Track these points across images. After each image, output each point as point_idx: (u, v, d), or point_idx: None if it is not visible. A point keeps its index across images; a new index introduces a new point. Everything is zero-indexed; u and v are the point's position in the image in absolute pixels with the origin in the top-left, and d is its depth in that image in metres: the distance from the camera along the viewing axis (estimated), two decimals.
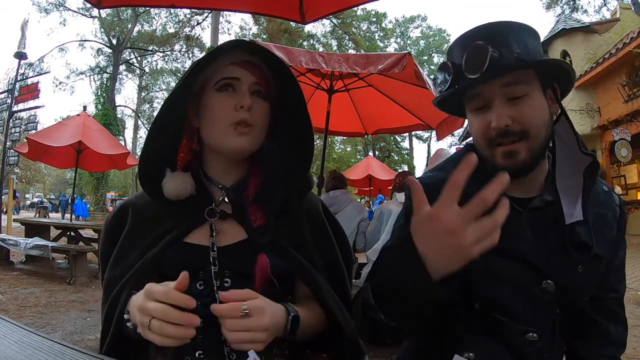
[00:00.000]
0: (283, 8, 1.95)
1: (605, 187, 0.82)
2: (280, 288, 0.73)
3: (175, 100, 0.75)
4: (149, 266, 0.72)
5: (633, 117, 8.66)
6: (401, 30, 34.52)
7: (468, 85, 0.72)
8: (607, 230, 0.77)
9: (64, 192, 28.98)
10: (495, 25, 0.73)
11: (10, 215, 8.96)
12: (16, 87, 8.61)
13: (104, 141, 7.03)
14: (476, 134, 0.75)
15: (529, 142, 0.70)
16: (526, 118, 0.69)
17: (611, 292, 0.81)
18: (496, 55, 0.68)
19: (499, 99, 0.70)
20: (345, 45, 26.34)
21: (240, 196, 0.78)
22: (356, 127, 4.47)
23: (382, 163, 13.75)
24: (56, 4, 23.03)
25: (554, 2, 21.39)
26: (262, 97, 0.77)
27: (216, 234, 0.74)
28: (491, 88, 0.70)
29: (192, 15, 23.42)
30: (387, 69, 2.60)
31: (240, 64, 0.75)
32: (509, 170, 0.68)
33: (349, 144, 31.56)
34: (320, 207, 0.88)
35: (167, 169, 0.77)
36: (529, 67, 0.70)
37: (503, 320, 0.72)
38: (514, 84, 0.69)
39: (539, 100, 0.71)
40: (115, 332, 0.69)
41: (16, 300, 3.93)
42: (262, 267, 0.70)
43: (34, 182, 35.58)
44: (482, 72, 0.68)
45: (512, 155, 0.70)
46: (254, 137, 0.75)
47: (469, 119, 0.77)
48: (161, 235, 0.75)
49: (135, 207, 0.81)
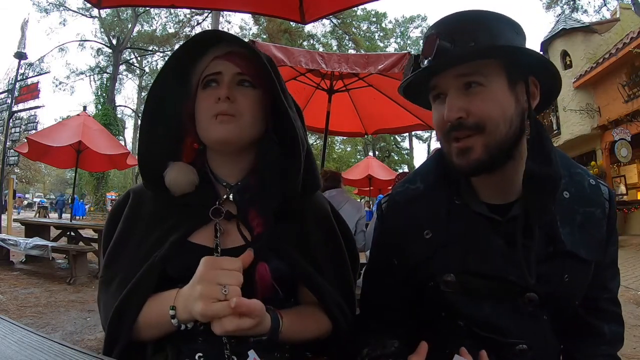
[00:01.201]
0: (283, 8, 1.95)
1: (592, 181, 0.75)
2: (283, 292, 0.72)
3: (170, 98, 0.75)
4: (158, 267, 0.70)
5: (633, 117, 8.65)
6: (401, 30, 34.50)
7: (421, 75, 0.69)
8: (596, 230, 0.72)
9: (63, 192, 29.00)
10: (463, 14, 0.70)
11: (11, 215, 8.96)
12: (16, 87, 8.62)
13: (104, 141, 7.03)
14: (435, 127, 0.73)
15: (485, 137, 0.65)
16: (481, 110, 0.64)
17: (603, 291, 0.77)
18: (447, 45, 0.66)
19: (453, 90, 0.67)
20: (345, 45, 26.34)
21: (243, 197, 0.76)
22: (356, 127, 4.47)
23: (382, 163, 13.75)
24: (56, 4, 23.04)
25: (554, 2, 21.38)
26: (249, 85, 0.74)
27: (220, 234, 0.73)
28: (445, 79, 0.67)
29: (192, 15, 23.43)
30: (387, 69, 2.60)
31: (223, 57, 0.74)
32: (463, 169, 0.67)
33: (349, 144, 31.55)
34: (329, 209, 0.87)
35: (170, 162, 0.76)
36: (478, 56, 0.65)
37: (490, 337, 0.70)
38: (469, 75, 0.65)
39: (499, 92, 0.65)
40: (126, 337, 0.67)
41: (16, 300, 3.93)
42: (263, 277, 0.69)
43: (34, 182, 35.57)
44: (430, 61, 0.66)
45: (465, 153, 0.66)
46: (238, 126, 0.72)
47: (432, 112, 0.74)
48: (163, 235, 0.73)
49: (136, 199, 0.79)
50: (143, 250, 0.72)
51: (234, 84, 0.74)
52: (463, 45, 0.66)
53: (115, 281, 0.72)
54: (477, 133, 0.65)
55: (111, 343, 0.68)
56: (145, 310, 0.68)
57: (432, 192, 0.78)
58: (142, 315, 0.68)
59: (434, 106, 0.73)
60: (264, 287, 0.68)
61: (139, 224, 0.76)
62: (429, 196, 0.78)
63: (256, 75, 0.75)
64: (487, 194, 0.74)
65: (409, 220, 0.77)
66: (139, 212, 0.77)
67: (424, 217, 0.76)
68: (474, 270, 0.69)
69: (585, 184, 0.75)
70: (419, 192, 0.80)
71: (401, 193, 0.82)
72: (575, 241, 0.69)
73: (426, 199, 0.77)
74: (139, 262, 0.71)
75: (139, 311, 0.67)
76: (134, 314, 0.67)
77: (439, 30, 0.68)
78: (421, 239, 0.74)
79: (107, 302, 0.71)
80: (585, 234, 0.70)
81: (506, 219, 0.71)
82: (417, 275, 0.75)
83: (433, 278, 0.73)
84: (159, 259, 0.70)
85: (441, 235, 0.73)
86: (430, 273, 0.73)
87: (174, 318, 0.64)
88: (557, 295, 0.69)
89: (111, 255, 0.76)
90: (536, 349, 0.70)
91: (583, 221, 0.71)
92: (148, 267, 0.70)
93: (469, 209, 0.73)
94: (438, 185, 0.78)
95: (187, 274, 0.65)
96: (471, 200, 0.74)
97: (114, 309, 0.68)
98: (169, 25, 26.09)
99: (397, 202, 0.82)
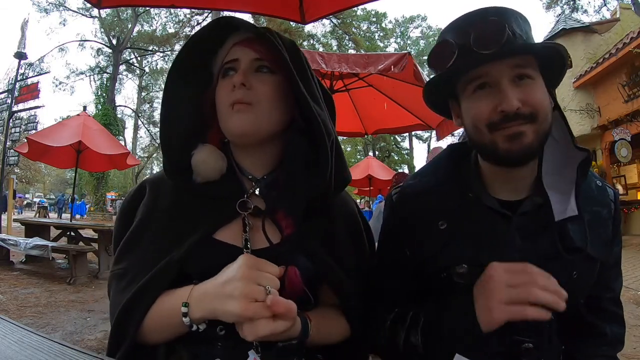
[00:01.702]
0: (283, 8, 1.94)
1: (599, 182, 0.78)
2: (312, 295, 0.69)
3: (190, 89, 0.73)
4: (175, 267, 0.65)
5: (633, 117, 8.65)
6: (401, 30, 34.51)
7: (477, 63, 0.66)
8: (602, 229, 0.74)
9: (64, 192, 29.03)
10: (500, 8, 0.69)
11: (11, 215, 8.96)
12: (16, 87, 8.62)
13: (104, 141, 7.03)
14: (476, 118, 0.69)
15: (537, 126, 0.65)
16: (536, 100, 0.65)
17: (606, 291, 0.79)
18: (511, 33, 0.65)
19: (506, 81, 0.65)
20: (345, 45, 26.33)
21: (272, 191, 0.72)
22: (356, 127, 4.48)
23: (382, 163, 13.75)
24: (56, 3, 23.04)
25: (554, 2, 21.38)
26: (267, 71, 0.70)
27: (249, 229, 0.68)
28: (500, 68, 0.65)
29: (192, 15, 23.41)
30: (387, 69, 2.61)
31: (241, 43, 0.71)
32: (512, 155, 0.66)
33: (349, 144, 31.53)
34: (355, 207, 0.85)
35: (198, 143, 0.71)
36: (539, 50, 0.67)
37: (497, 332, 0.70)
38: (523, 67, 0.66)
39: (542, 86, 0.68)
40: (133, 337, 0.63)
41: (16, 300, 3.93)
42: (293, 282, 0.64)
43: (34, 182, 35.54)
44: (499, 49, 0.64)
45: (517, 137, 0.65)
46: (257, 115, 0.68)
47: (466, 105, 0.71)
48: (185, 230, 0.67)
49: (154, 191, 0.74)
50: (160, 246, 0.67)
51: (251, 71, 0.70)
52: (519, 36, 0.66)
53: (128, 276, 0.67)
54: (530, 122, 0.65)
55: (116, 343, 0.64)
56: (154, 309, 0.63)
57: (443, 185, 0.78)
58: (150, 313, 0.63)
59: (473, 97, 0.69)
60: (294, 293, 0.64)
61: (156, 216, 0.71)
62: (441, 189, 0.78)
63: (276, 61, 0.70)
64: (498, 190, 0.75)
65: (421, 212, 0.77)
66: (156, 204, 0.72)
67: (437, 209, 0.76)
68: (486, 262, 0.69)
69: (593, 185, 0.77)
70: (431, 185, 0.80)
71: (413, 185, 0.83)
72: (584, 239, 0.70)
73: (438, 192, 0.78)
74: (154, 258, 0.66)
75: (147, 310, 0.63)
76: (142, 314, 0.63)
77: (500, 19, 0.66)
78: (436, 229, 0.74)
79: (115, 298, 0.67)
80: (593, 233, 0.71)
81: (517, 214, 0.71)
82: (429, 266, 0.75)
83: (446, 269, 0.73)
84: (177, 259, 0.65)
85: (456, 226, 0.73)
86: (443, 265, 0.74)
87: (186, 316, 0.59)
88: (566, 291, 0.69)
89: (124, 248, 0.70)
90: (541, 347, 0.70)
91: (591, 220, 0.72)
92: (164, 265, 0.65)
93: (481, 203, 0.74)
94: (450, 180, 0.78)
95: (208, 272, 0.61)
96: (482, 195, 0.75)
97: (121, 306, 0.64)
98: (169, 25, 26.13)
99: (408, 193, 0.82)
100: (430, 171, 0.83)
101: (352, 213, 0.82)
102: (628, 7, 11.91)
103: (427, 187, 0.80)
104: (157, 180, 0.76)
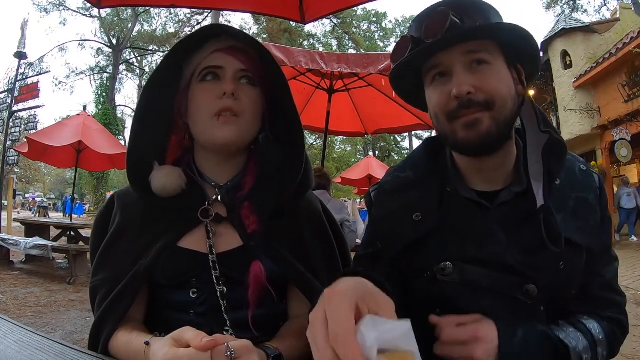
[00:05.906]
0: (283, 8, 1.94)
1: (583, 166, 0.75)
2: (277, 295, 0.70)
3: (161, 94, 0.72)
4: (143, 275, 0.67)
5: (633, 117, 8.66)
6: (401, 30, 34.47)
7: (427, 52, 0.67)
8: (590, 216, 0.70)
9: (64, 192, 29.14)
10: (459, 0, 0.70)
11: (11, 215, 8.96)
12: (16, 87, 8.61)
13: (104, 141, 7.03)
14: (436, 109, 0.69)
15: (494, 112, 0.64)
16: (490, 86, 0.64)
17: (596, 277, 0.74)
18: (457, 21, 0.65)
19: (460, 67, 0.65)
20: (345, 45, 26.32)
21: (235, 197, 0.73)
22: (356, 127, 4.47)
23: (382, 163, 13.71)
24: (56, 3, 23.01)
25: (554, 2, 21.37)
26: (250, 83, 0.72)
27: (213, 235, 0.70)
28: (451, 55, 0.66)
29: (192, 15, 23.41)
30: (387, 69, 2.61)
31: (225, 50, 0.71)
32: (471, 144, 0.66)
33: (349, 144, 31.53)
34: (320, 208, 0.85)
35: (155, 162, 0.72)
36: (489, 33, 0.66)
37: None
38: (477, 52, 0.65)
39: (503, 71, 0.67)
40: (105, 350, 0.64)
41: (16, 300, 3.93)
42: (257, 276, 0.66)
43: (34, 182, 35.56)
44: (443, 35, 0.64)
45: (474, 125, 0.64)
46: (240, 127, 0.70)
47: (428, 96, 0.72)
48: (153, 240, 0.70)
49: (123, 203, 0.76)
50: (132, 256, 0.69)
51: (236, 81, 0.70)
52: (470, 23, 0.66)
53: (105, 287, 0.69)
54: (486, 110, 0.64)
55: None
56: (115, 345, 0.64)
57: (422, 179, 0.77)
58: (114, 347, 0.64)
59: (432, 87, 0.70)
60: (258, 288, 0.66)
61: (127, 227, 0.73)
62: (419, 184, 0.77)
63: (257, 73, 0.73)
64: (475, 181, 0.74)
65: (398, 206, 0.77)
66: (126, 216, 0.74)
67: (414, 202, 0.75)
68: (470, 257, 0.68)
69: (576, 169, 0.74)
70: (409, 180, 0.79)
71: (390, 182, 0.82)
72: (569, 227, 0.67)
73: (416, 187, 0.77)
74: (127, 268, 0.68)
75: (119, 322, 0.64)
76: (114, 327, 0.64)
77: (448, 8, 0.66)
78: (409, 221, 0.73)
79: (97, 309, 0.69)
80: (579, 220, 0.69)
81: (495, 205, 0.71)
82: (411, 265, 0.74)
83: (429, 268, 0.72)
84: (144, 267, 0.67)
85: (432, 218, 0.72)
86: (425, 263, 0.72)
87: None
88: (554, 284, 0.68)
89: (100, 260, 0.72)
90: None
91: (576, 207, 0.70)
92: (132, 275, 0.67)
93: (459, 195, 0.73)
94: (428, 173, 0.77)
95: (178, 280, 0.64)
96: (459, 187, 0.74)
97: (95, 320, 0.66)
98: (169, 25, 26.08)
99: (386, 190, 0.82)
100: (408, 165, 0.81)
101: (317, 213, 0.83)
102: (628, 7, 11.89)
103: (406, 182, 0.79)
104: (126, 192, 0.78)
